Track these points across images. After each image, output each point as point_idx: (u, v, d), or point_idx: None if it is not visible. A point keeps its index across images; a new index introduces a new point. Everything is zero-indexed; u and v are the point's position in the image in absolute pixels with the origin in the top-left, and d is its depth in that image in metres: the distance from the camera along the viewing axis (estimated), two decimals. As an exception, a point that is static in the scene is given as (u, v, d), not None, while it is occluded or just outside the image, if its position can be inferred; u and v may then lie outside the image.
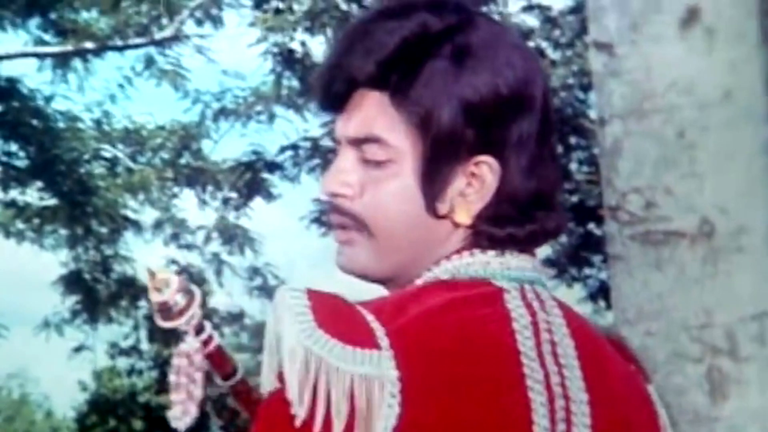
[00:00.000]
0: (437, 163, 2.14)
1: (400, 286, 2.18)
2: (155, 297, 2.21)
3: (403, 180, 2.15)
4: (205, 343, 2.28)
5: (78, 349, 18.47)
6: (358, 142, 2.19)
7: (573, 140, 13.03)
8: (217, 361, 2.32)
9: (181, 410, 2.27)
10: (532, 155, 2.15)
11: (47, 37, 17.05)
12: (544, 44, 13.98)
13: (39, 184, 17.60)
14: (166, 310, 2.24)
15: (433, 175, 2.14)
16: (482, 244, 2.12)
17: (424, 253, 2.16)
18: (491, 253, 2.12)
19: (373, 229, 2.18)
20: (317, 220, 15.42)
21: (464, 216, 2.12)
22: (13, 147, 17.59)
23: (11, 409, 49.31)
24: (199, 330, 2.28)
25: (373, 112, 2.18)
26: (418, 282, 2.15)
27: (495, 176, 2.09)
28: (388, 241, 2.17)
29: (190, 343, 2.30)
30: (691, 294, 2.41)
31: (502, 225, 2.11)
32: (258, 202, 17.12)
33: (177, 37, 16.70)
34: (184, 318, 2.26)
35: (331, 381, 1.99)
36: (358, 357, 2.00)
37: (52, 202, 17.59)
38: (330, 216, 2.23)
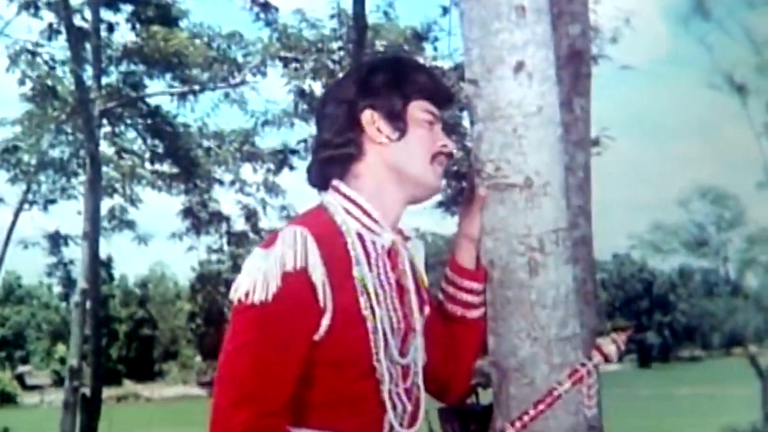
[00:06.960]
0: None
1: None
2: None
3: None
4: None
5: (190, 249, 18.35)
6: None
7: (453, 137, 12.97)
8: None
9: None
10: None
11: (175, 83, 17.10)
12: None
13: (169, 161, 17.66)
14: None
15: None
16: None
17: None
18: None
19: None
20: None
21: None
22: (156, 141, 17.65)
23: (156, 280, 50.04)
24: None
25: None
26: None
27: None
28: None
29: None
30: (519, 218, 2.34)
31: None
32: (285, 171, 17.12)
33: (242, 82, 16.65)
34: None
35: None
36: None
37: (176, 170, 17.63)
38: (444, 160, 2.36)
